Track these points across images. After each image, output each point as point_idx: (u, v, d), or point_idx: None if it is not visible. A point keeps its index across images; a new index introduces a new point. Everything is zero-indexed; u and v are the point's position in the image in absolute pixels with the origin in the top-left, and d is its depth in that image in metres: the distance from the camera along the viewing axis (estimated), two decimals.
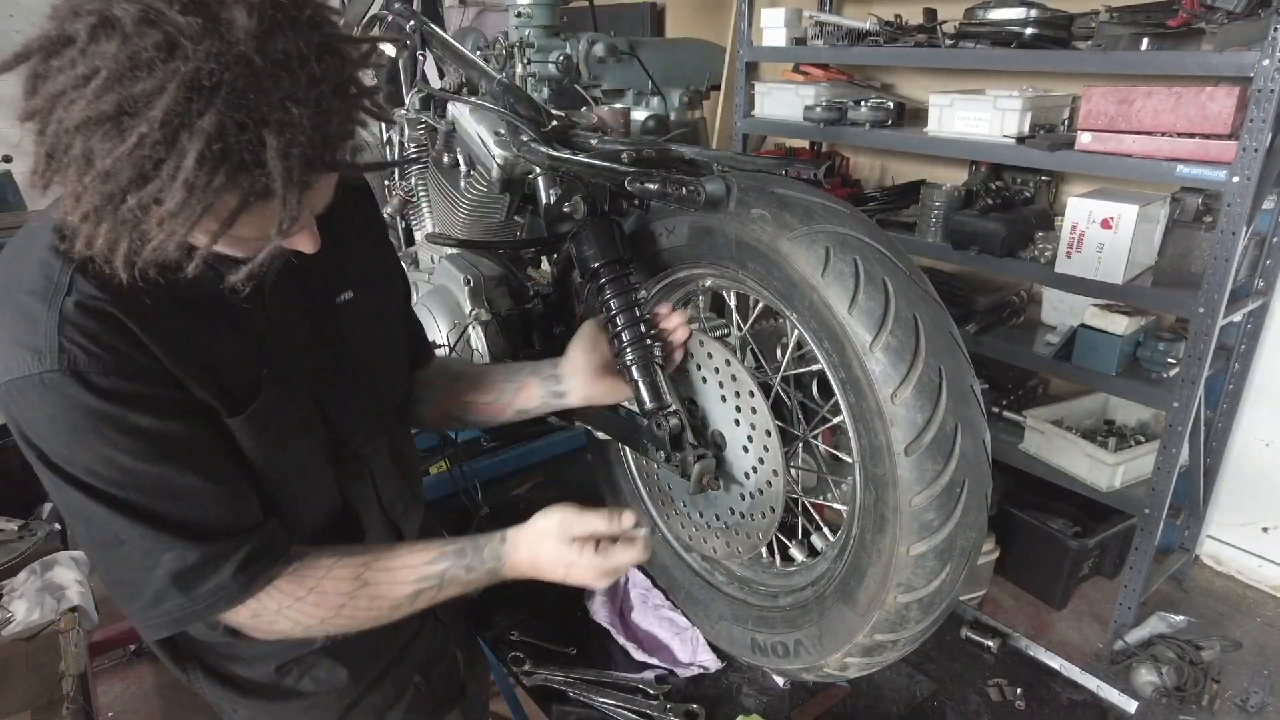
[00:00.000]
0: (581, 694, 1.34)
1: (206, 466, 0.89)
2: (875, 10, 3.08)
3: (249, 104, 0.67)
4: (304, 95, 0.70)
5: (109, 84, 0.66)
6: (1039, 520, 2.71)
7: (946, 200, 2.83)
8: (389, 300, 1.20)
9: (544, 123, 1.57)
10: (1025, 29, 2.44)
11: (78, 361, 0.79)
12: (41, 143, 0.71)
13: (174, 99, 0.65)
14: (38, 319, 0.79)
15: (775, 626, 1.29)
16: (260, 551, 0.92)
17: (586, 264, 1.27)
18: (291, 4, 0.71)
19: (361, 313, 1.08)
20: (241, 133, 0.67)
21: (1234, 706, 2.27)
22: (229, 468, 0.92)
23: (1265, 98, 1.97)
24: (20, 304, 0.80)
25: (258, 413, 0.93)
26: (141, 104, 0.66)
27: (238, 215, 0.72)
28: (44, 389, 0.79)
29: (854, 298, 1.00)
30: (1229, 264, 2.11)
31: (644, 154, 1.22)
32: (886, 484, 1.03)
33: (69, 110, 0.67)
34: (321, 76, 0.71)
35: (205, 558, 0.89)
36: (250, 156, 0.69)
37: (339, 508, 1.08)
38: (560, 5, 3.07)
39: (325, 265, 0.92)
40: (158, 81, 0.65)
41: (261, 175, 0.70)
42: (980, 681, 1.40)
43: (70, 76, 0.67)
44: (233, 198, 0.71)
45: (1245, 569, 2.86)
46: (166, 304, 0.83)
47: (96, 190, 0.69)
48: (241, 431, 0.92)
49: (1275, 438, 2.71)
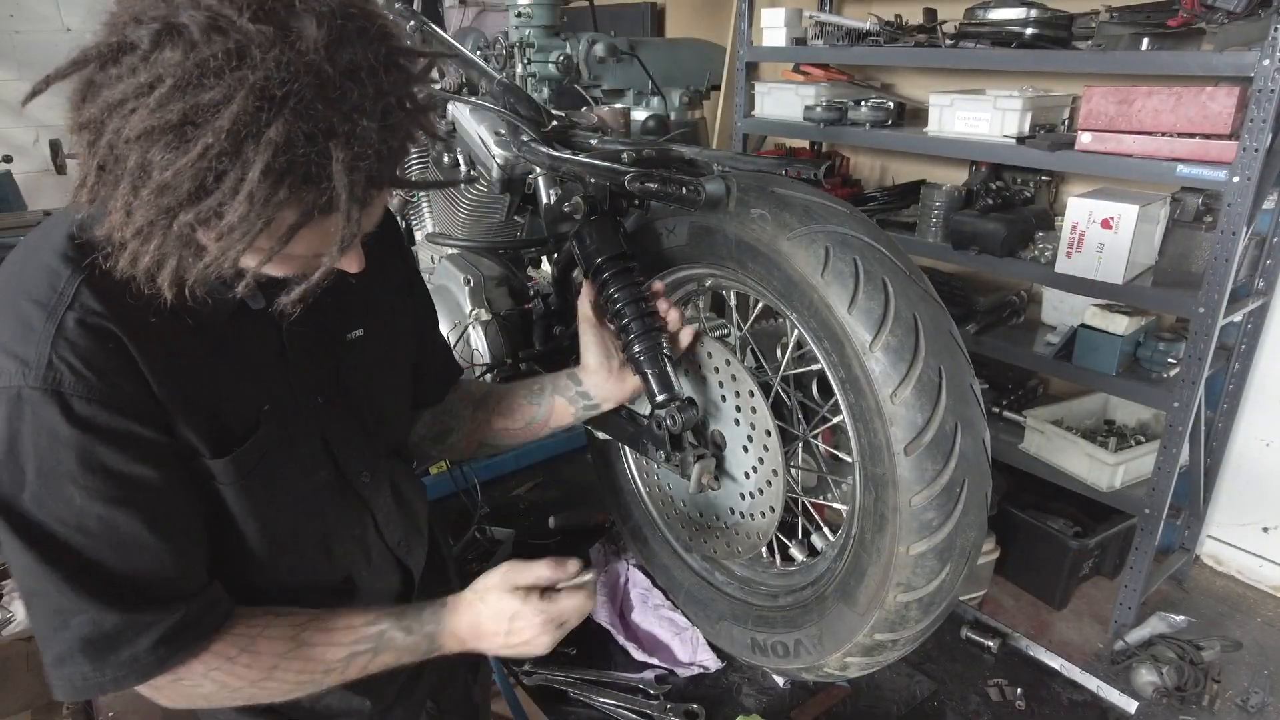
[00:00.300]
0: (582, 694, 1.34)
1: (163, 520, 0.82)
2: (875, 10, 3.08)
3: (317, 115, 0.65)
4: (371, 108, 0.68)
5: (174, 92, 0.63)
6: (1039, 520, 2.70)
7: (946, 200, 2.83)
8: (399, 339, 1.14)
9: (544, 123, 1.57)
10: (1025, 29, 2.44)
11: (63, 382, 0.74)
12: (93, 154, 0.68)
13: (242, 108, 0.63)
14: (33, 328, 0.75)
15: (775, 626, 1.29)
16: (189, 623, 0.85)
17: (590, 260, 1.27)
18: (360, 14, 0.69)
19: (369, 352, 1.05)
20: (309, 145, 0.65)
21: (1234, 707, 2.27)
22: (187, 525, 0.86)
23: (1265, 98, 1.97)
24: (19, 309, 0.77)
25: (245, 455, 0.88)
26: (208, 113, 0.63)
27: (296, 231, 0.70)
28: (18, 404, 0.74)
29: (854, 297, 1.00)
30: (1229, 264, 2.11)
31: (644, 154, 1.22)
32: (886, 484, 1.03)
33: (128, 120, 0.65)
34: (388, 89, 0.69)
35: (123, 625, 0.81)
36: (316, 170, 0.66)
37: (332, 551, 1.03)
38: (560, 5, 3.07)
39: (343, 298, 0.88)
40: (226, 90, 0.63)
41: (326, 189, 0.67)
42: (980, 681, 1.41)
43: (131, 85, 0.65)
44: (293, 213, 0.68)
45: (1246, 569, 2.86)
46: (175, 328, 0.80)
47: (152, 204, 0.66)
48: (224, 473, 0.87)
49: (1275, 438, 2.71)
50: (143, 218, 0.67)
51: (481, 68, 1.81)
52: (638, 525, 1.58)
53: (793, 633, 1.25)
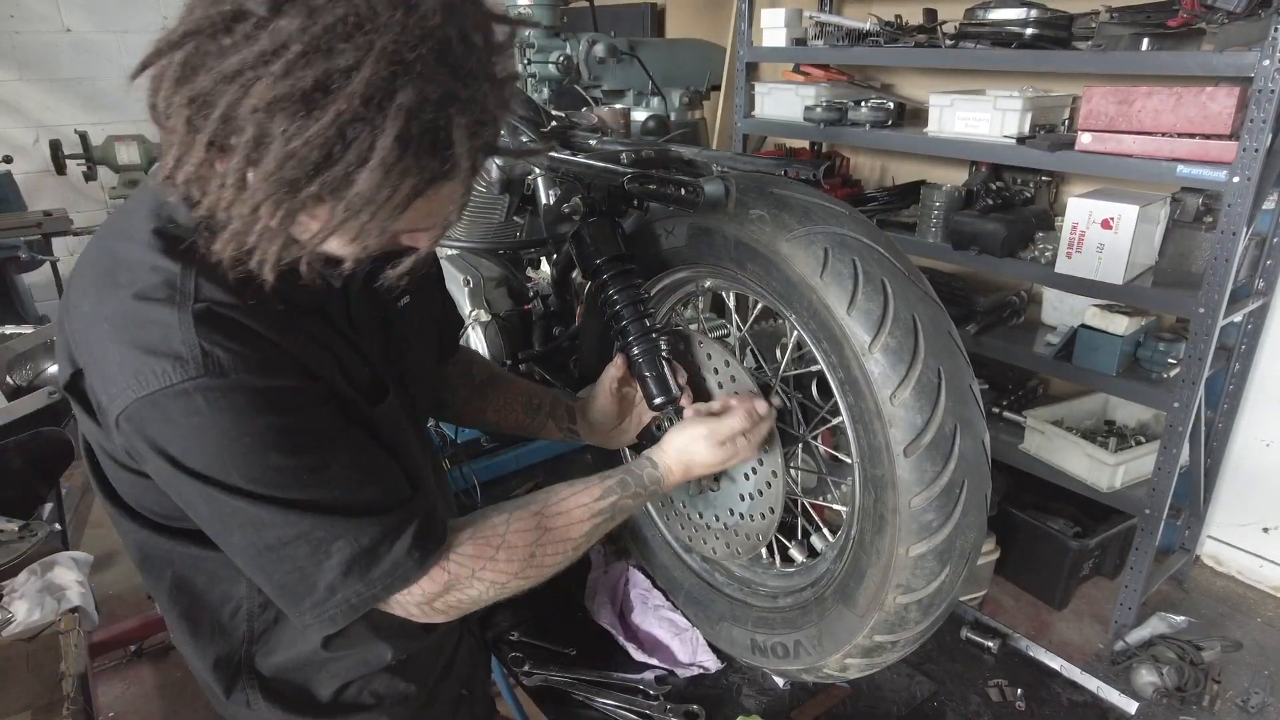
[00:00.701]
0: (582, 694, 1.34)
1: (357, 450, 0.86)
2: (875, 10, 3.08)
3: (442, 80, 0.64)
4: (486, 73, 0.67)
5: (301, 58, 0.61)
6: (1039, 520, 2.71)
7: (946, 200, 2.83)
8: (432, 303, 1.21)
9: (543, 123, 1.57)
10: (1025, 29, 2.44)
11: (223, 364, 0.75)
12: (200, 129, 0.65)
13: (374, 72, 0.61)
14: (170, 325, 0.74)
15: (775, 627, 1.29)
16: (428, 523, 0.89)
17: (588, 261, 1.27)
18: None
19: (414, 317, 1.10)
20: (437, 110, 0.64)
21: (1234, 707, 2.27)
22: (377, 450, 0.89)
23: (1265, 98, 1.97)
24: (143, 313, 0.75)
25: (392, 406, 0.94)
26: (338, 78, 0.61)
27: (412, 201, 0.67)
28: (189, 397, 0.74)
29: (853, 298, 1.00)
30: (1229, 264, 2.11)
31: (643, 154, 1.22)
32: (886, 485, 1.03)
33: (250, 90, 0.62)
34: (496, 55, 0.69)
35: (377, 538, 0.85)
36: (444, 136, 0.65)
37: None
38: (560, 5, 3.07)
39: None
40: (356, 54, 0.61)
41: (449, 156, 0.66)
42: (980, 682, 1.40)
43: (251, 53, 0.62)
44: (415, 180, 0.66)
45: (1246, 569, 2.86)
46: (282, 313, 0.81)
47: (274, 175, 0.63)
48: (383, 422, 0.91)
49: (1275, 438, 2.71)
50: (263, 192, 0.65)
51: None
52: (637, 525, 1.58)
53: (792, 634, 1.25)
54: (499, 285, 1.78)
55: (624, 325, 1.23)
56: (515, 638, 1.46)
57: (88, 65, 4.79)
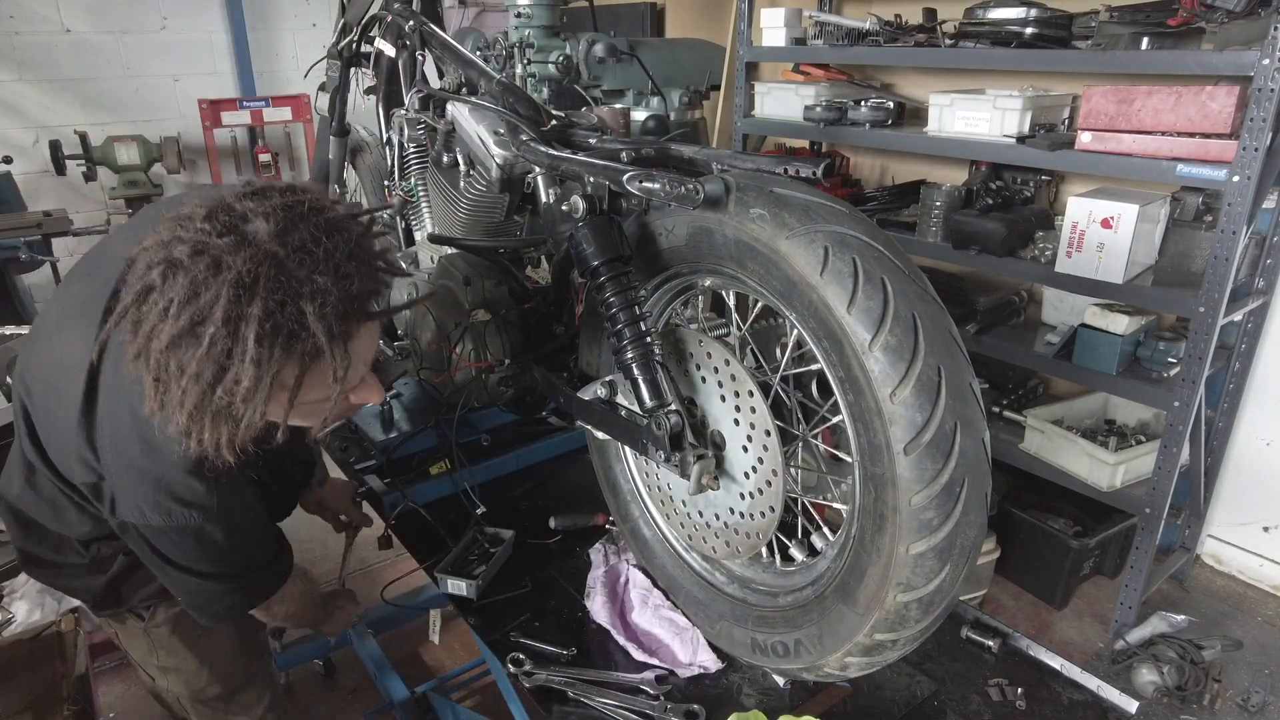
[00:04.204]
0: (581, 694, 1.34)
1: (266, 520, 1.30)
2: (875, 10, 3.08)
3: (284, 286, 0.85)
4: (325, 267, 0.88)
5: (182, 307, 0.85)
6: (1039, 520, 2.71)
7: (946, 200, 2.83)
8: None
9: (543, 122, 1.57)
10: (1025, 29, 2.44)
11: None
12: (148, 371, 0.88)
13: (228, 299, 0.83)
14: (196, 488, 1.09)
15: (775, 626, 1.29)
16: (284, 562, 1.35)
17: (586, 262, 1.27)
18: (296, 203, 0.90)
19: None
20: (284, 309, 0.85)
21: (1235, 706, 2.27)
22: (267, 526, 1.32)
23: (1265, 97, 1.97)
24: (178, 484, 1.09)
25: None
26: (206, 312, 0.84)
27: (301, 380, 0.89)
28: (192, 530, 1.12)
29: (853, 297, 1.00)
30: (1229, 263, 2.11)
31: (643, 153, 1.22)
32: (886, 483, 1.03)
33: (159, 337, 0.86)
34: (334, 249, 0.89)
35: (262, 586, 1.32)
36: (296, 325, 0.86)
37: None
38: (560, 5, 3.07)
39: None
40: (214, 292, 0.84)
41: (309, 338, 0.87)
42: (981, 681, 1.40)
43: (156, 312, 0.86)
44: (294, 365, 0.88)
45: (1246, 568, 2.86)
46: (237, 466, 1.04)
47: (193, 391, 0.86)
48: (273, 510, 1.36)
49: (1276, 437, 2.71)
50: (190, 403, 0.87)
51: (481, 68, 1.81)
52: (637, 525, 1.58)
53: (793, 633, 1.25)
54: (499, 284, 1.78)
55: (619, 328, 1.23)
56: (515, 638, 1.46)
57: (87, 66, 4.79)
